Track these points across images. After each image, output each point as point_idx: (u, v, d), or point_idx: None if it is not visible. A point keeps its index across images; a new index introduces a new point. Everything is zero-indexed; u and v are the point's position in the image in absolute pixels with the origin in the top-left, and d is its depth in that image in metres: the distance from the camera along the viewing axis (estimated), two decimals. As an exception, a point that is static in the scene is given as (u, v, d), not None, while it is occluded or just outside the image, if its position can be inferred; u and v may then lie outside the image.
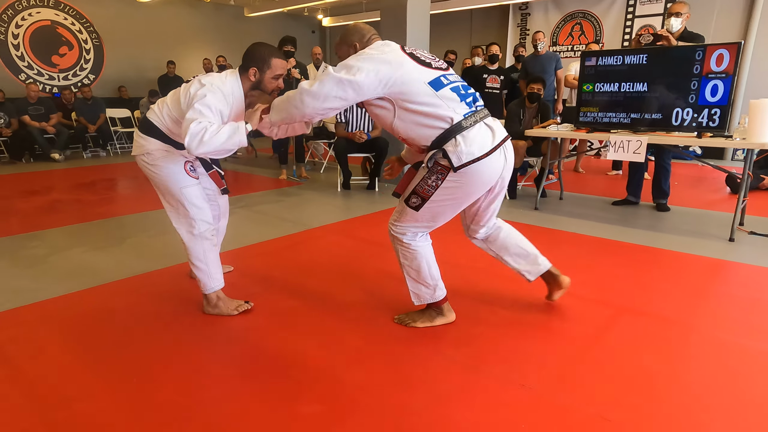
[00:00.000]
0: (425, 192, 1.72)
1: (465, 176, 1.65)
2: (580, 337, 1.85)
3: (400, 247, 1.86)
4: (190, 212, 1.95)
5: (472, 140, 1.62)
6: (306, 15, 10.56)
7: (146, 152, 1.91)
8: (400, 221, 1.82)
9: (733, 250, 2.87)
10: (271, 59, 1.85)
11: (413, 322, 1.93)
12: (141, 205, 4.09)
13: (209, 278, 2.00)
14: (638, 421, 1.36)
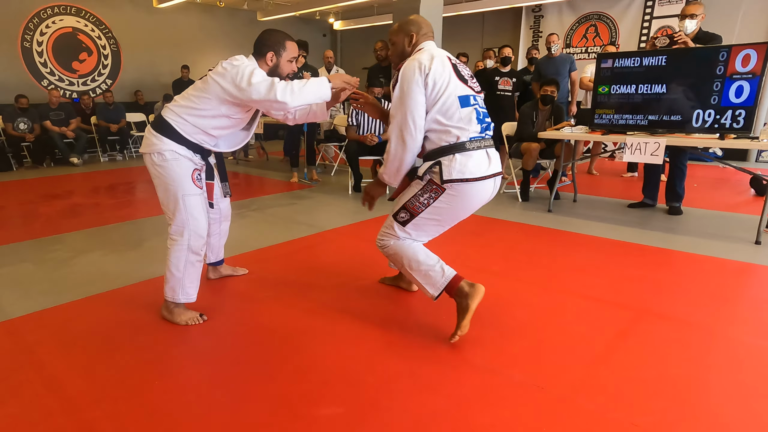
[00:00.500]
0: (415, 209, 1.82)
1: (455, 197, 1.76)
2: (600, 341, 1.82)
3: (390, 252, 1.93)
4: (187, 222, 1.90)
5: (466, 162, 1.72)
6: (318, 19, 10.63)
7: (157, 151, 1.85)
8: (390, 230, 1.92)
9: (760, 253, 2.81)
10: (285, 42, 1.90)
11: (463, 318, 1.76)
12: (158, 208, 4.12)
13: (180, 288, 1.94)
14: (667, 427, 1.34)
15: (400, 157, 1.78)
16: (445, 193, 1.75)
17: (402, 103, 1.74)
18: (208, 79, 1.83)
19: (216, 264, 2.46)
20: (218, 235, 2.34)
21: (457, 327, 1.76)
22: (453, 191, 1.75)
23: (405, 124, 1.74)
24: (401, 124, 1.75)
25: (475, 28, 9.27)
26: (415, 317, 2.04)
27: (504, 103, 5.24)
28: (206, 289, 2.35)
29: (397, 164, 1.80)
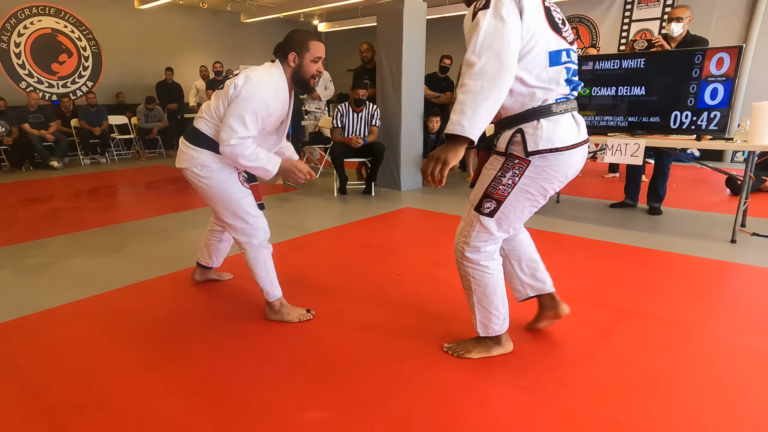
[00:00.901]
0: (500, 193, 1.51)
1: (543, 170, 1.46)
2: (583, 340, 1.85)
3: (472, 269, 1.62)
4: (250, 223, 1.95)
5: (554, 129, 1.43)
6: (302, 21, 10.60)
7: (200, 165, 1.87)
8: (472, 237, 1.59)
9: (735, 252, 2.88)
10: (308, 42, 1.84)
11: (467, 353, 1.73)
12: (140, 212, 4.09)
13: (272, 286, 2.01)
14: (649, 424, 1.36)
15: (486, 91, 1.31)
16: (530, 166, 1.45)
17: (497, 31, 1.30)
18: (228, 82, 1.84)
19: (206, 268, 2.45)
20: (229, 241, 2.36)
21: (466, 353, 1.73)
22: (540, 163, 1.45)
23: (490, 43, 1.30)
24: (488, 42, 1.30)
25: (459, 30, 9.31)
26: (401, 320, 2.05)
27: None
28: (190, 291, 2.33)
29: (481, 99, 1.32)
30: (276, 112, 1.85)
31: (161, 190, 5.17)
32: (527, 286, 1.80)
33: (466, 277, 1.65)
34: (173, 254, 2.95)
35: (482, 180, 1.57)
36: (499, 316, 1.67)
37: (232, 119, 1.74)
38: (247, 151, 1.77)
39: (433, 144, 5.20)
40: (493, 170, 1.53)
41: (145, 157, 7.85)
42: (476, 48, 1.31)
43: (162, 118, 7.99)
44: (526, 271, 1.78)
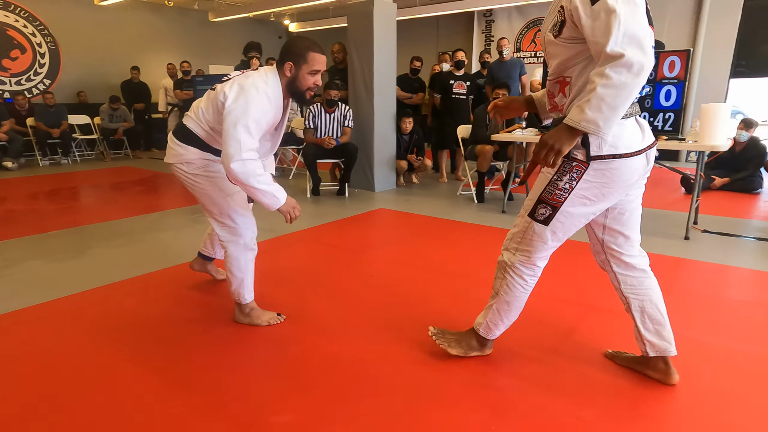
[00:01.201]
0: (555, 198, 1.40)
1: (604, 175, 1.35)
2: (550, 337, 1.90)
3: (512, 278, 1.55)
4: (237, 222, 1.90)
5: (620, 134, 1.33)
6: (272, 20, 10.48)
7: (186, 161, 1.84)
8: (524, 245, 1.50)
9: (688, 248, 3.02)
10: (308, 53, 1.74)
11: (447, 347, 1.72)
12: (104, 214, 3.95)
13: (245, 289, 1.97)
14: (609, 418, 1.41)
15: (629, 89, 1.18)
16: (589, 170, 1.34)
17: (635, 17, 1.17)
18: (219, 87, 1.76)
19: (207, 259, 2.41)
20: None
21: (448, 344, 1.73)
22: (601, 167, 1.34)
23: (634, 32, 1.16)
24: (630, 31, 1.16)
25: (430, 32, 9.43)
26: (372, 322, 2.06)
27: (458, 107, 5.37)
28: (153, 296, 2.27)
29: (624, 95, 1.19)
30: (271, 119, 1.79)
31: (127, 192, 5.01)
32: (648, 344, 1.56)
33: (502, 282, 1.58)
34: (140, 257, 2.87)
35: (537, 184, 1.46)
36: (505, 325, 1.65)
37: (236, 131, 1.63)
38: (259, 170, 1.66)
39: (407, 145, 5.24)
40: (548, 173, 1.41)
41: (110, 158, 7.59)
42: (619, 38, 1.16)
43: (128, 118, 7.74)
44: (650, 327, 1.55)
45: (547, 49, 1.41)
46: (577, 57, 1.32)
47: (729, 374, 1.64)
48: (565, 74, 1.37)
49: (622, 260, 1.55)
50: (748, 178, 4.87)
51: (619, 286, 1.59)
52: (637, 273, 1.56)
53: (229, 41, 10.00)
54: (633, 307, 1.57)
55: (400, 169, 5.22)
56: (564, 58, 1.34)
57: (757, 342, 1.84)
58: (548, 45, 1.39)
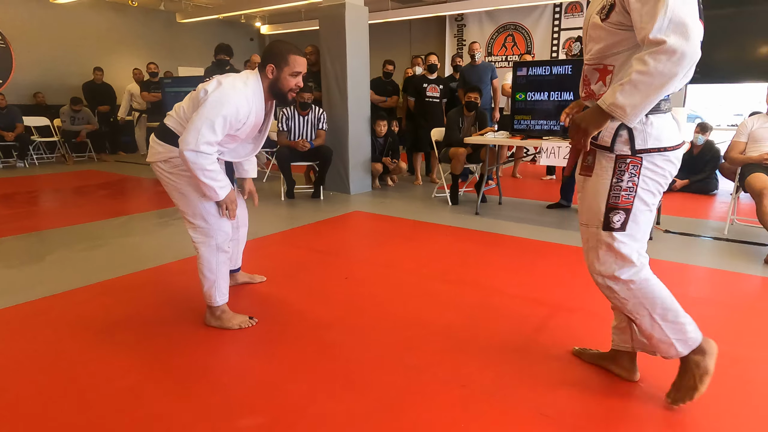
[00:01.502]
0: (625, 200, 1.32)
1: (656, 165, 1.32)
2: (518, 336, 1.93)
3: (637, 288, 1.37)
4: (209, 222, 1.90)
5: (663, 127, 1.30)
6: (243, 22, 10.34)
7: (164, 159, 1.85)
8: (609, 260, 1.38)
9: (651, 248, 3.08)
10: (288, 56, 1.82)
11: (696, 391, 1.40)
12: (65, 218, 3.79)
13: (217, 291, 1.96)
14: (572, 414, 1.44)
15: (670, 72, 1.14)
16: (644, 162, 1.30)
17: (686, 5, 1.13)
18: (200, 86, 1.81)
19: (233, 271, 2.37)
20: (236, 240, 2.30)
21: (694, 391, 1.40)
22: (653, 160, 1.31)
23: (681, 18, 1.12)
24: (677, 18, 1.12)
25: (402, 35, 9.49)
26: (345, 323, 2.04)
27: (432, 110, 5.41)
28: (112, 301, 2.19)
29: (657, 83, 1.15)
30: (249, 121, 1.83)
31: (91, 196, 4.83)
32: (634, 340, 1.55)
33: (635, 302, 1.39)
34: (103, 262, 2.77)
35: (593, 195, 1.37)
36: (689, 320, 1.40)
37: (200, 122, 1.69)
38: (209, 166, 1.74)
39: (381, 148, 5.24)
40: (603, 179, 1.34)
41: (73, 162, 7.31)
42: (664, 24, 1.12)
43: (91, 120, 7.48)
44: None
45: (590, 32, 1.35)
46: (621, 44, 1.28)
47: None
48: (607, 62, 1.32)
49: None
50: (705, 180, 5.09)
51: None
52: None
53: (198, 43, 9.81)
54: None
55: (375, 172, 5.22)
56: (607, 44, 1.30)
57: (710, 337, 1.91)
58: (592, 28, 1.33)
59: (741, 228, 3.64)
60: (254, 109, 1.82)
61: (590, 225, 1.40)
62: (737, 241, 3.27)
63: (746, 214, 3.93)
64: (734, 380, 1.61)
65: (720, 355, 1.43)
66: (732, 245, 3.19)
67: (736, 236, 3.40)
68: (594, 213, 1.38)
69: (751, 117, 3.48)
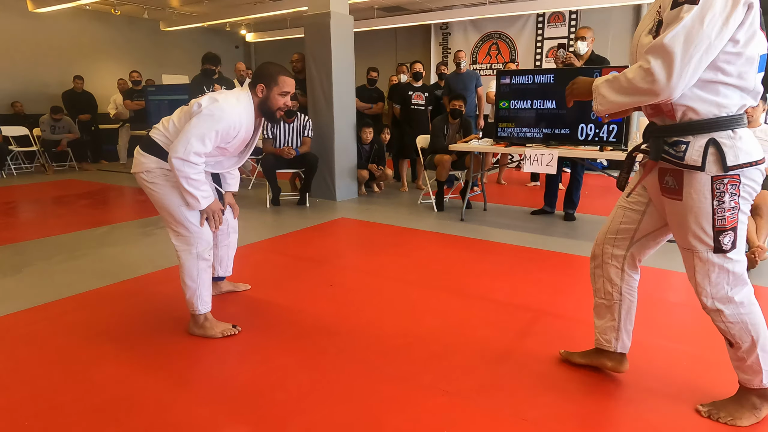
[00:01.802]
0: (731, 220, 1.29)
1: (752, 180, 1.29)
2: (502, 342, 1.94)
3: (735, 313, 1.34)
4: (191, 231, 1.92)
5: (749, 139, 1.28)
6: (228, 30, 10.31)
7: (146, 170, 1.89)
8: (722, 281, 1.34)
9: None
10: (278, 76, 1.91)
11: (735, 420, 1.41)
12: (44, 229, 3.72)
13: (199, 299, 1.96)
14: (552, 419, 1.45)
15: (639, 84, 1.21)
16: (742, 179, 1.27)
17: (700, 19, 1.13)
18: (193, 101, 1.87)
19: (216, 279, 2.35)
20: (227, 247, 2.31)
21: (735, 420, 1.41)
22: (748, 174, 1.27)
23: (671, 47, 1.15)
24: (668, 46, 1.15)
25: (388, 43, 9.57)
26: (329, 331, 2.03)
27: (418, 117, 5.45)
28: (106, 310, 2.15)
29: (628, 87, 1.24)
30: (239, 136, 1.90)
31: (72, 206, 4.75)
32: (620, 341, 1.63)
33: (741, 327, 1.35)
34: (83, 274, 2.72)
35: (694, 218, 1.31)
36: None
37: (190, 133, 1.76)
38: (194, 176, 1.80)
39: (367, 154, 5.26)
40: (702, 201, 1.29)
41: (53, 171, 7.18)
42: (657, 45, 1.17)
43: (72, 129, 7.36)
44: (628, 328, 1.63)
45: (641, 52, 1.31)
46: None
47: (666, 373, 1.71)
48: None
49: (638, 265, 1.59)
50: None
51: (620, 284, 1.59)
52: (637, 277, 1.61)
53: (183, 51, 9.76)
54: (623, 305, 1.60)
55: (362, 179, 5.23)
56: None
57: (689, 342, 1.95)
58: (643, 48, 1.30)
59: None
60: (245, 124, 1.89)
61: (697, 250, 1.35)
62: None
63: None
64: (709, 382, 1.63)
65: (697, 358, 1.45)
66: (711, 249, 3.25)
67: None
68: (698, 238, 1.33)
69: None
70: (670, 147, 1.31)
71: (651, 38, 1.26)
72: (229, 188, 2.24)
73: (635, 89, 1.23)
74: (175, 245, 1.95)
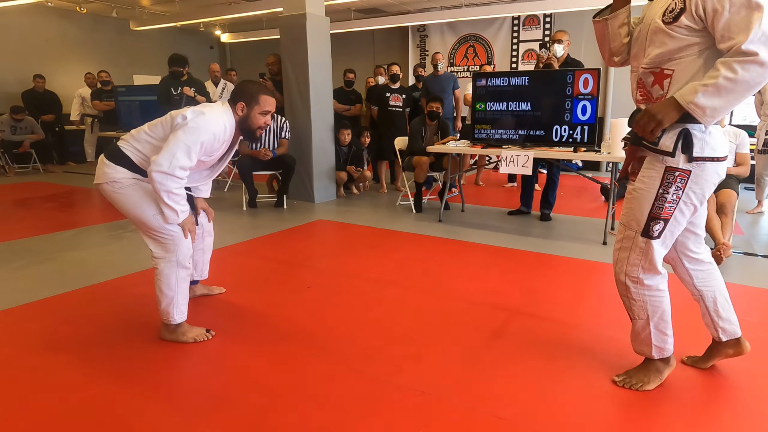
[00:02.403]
0: (667, 212, 1.41)
1: (704, 177, 1.38)
2: (476, 341, 1.94)
3: (650, 296, 1.50)
4: (168, 239, 1.86)
5: (719, 137, 1.37)
6: (202, 30, 10.13)
7: (112, 180, 1.83)
8: (638, 263, 1.48)
9: (606, 253, 3.23)
10: (259, 96, 1.90)
11: (644, 385, 1.58)
12: (3, 233, 3.56)
13: (174, 308, 1.90)
14: (527, 417, 1.46)
15: (755, 82, 1.20)
16: (692, 176, 1.36)
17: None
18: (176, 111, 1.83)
19: (192, 283, 2.26)
20: (202, 250, 2.25)
21: (643, 385, 1.58)
22: (700, 172, 1.36)
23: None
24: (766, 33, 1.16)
25: (366, 45, 9.56)
26: (304, 333, 2.00)
27: (395, 119, 5.45)
28: (69, 316, 2.06)
29: (740, 90, 1.21)
30: (220, 149, 1.90)
31: (35, 209, 4.57)
32: (720, 330, 1.63)
33: (641, 305, 1.52)
34: (46, 279, 2.61)
35: (639, 200, 1.44)
36: (671, 335, 1.56)
37: (176, 146, 1.71)
38: (176, 190, 1.76)
39: (345, 156, 5.23)
40: (651, 187, 1.41)
41: (15, 173, 6.90)
42: (757, 35, 1.16)
43: (36, 129, 7.08)
44: (722, 315, 1.61)
45: (651, 36, 1.36)
46: (685, 50, 1.30)
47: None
48: (666, 66, 1.35)
49: (692, 257, 1.60)
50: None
51: (691, 281, 1.62)
52: (706, 266, 1.61)
53: (154, 51, 9.52)
54: (707, 298, 1.61)
55: (340, 181, 5.20)
56: (669, 48, 1.32)
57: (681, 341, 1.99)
58: (653, 33, 1.35)
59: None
60: (227, 137, 1.88)
61: (630, 227, 1.48)
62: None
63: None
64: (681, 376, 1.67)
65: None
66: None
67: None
68: (636, 218, 1.45)
69: None
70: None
71: (664, 23, 1.30)
72: (200, 194, 2.17)
73: (750, 86, 1.20)
74: (152, 251, 1.88)
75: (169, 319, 1.89)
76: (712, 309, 1.61)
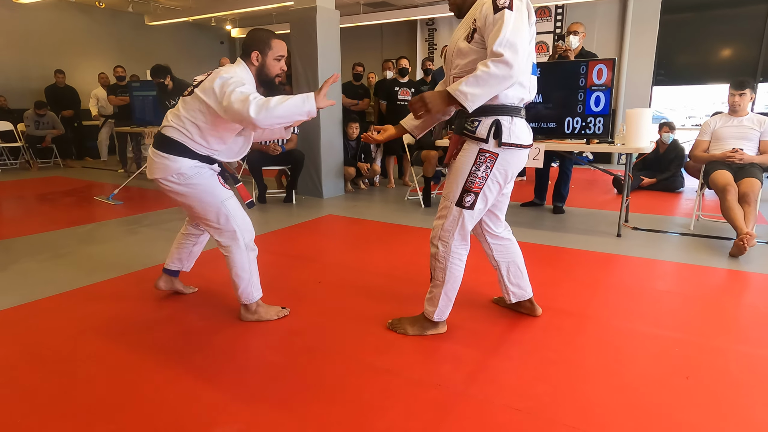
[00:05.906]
0: (477, 186, 1.71)
1: (508, 162, 1.69)
2: (492, 334, 1.95)
3: (452, 261, 1.80)
4: (234, 224, 1.92)
5: (522, 129, 1.70)
6: (213, 25, 10.19)
7: (175, 173, 1.84)
8: (457, 229, 1.77)
9: (620, 245, 3.22)
10: (270, 40, 1.87)
11: (405, 331, 1.93)
12: (29, 227, 3.65)
13: (252, 288, 2.00)
14: (543, 408, 1.47)
15: (500, 76, 1.50)
16: (499, 158, 1.68)
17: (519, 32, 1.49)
18: (197, 96, 1.79)
19: (174, 274, 2.28)
20: (200, 244, 2.28)
21: (404, 329, 1.94)
22: (506, 155, 1.68)
23: (514, 41, 1.48)
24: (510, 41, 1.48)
25: (374, 39, 9.53)
26: (319, 328, 2.03)
27: (404, 113, 5.42)
28: (92, 310, 2.11)
29: (492, 82, 1.51)
30: None
31: (57, 203, 4.67)
32: (510, 293, 2.05)
33: (442, 269, 1.81)
34: (70, 272, 2.68)
35: (456, 176, 1.73)
36: (451, 303, 1.89)
37: (232, 93, 1.67)
38: (272, 103, 1.65)
39: (353, 151, 5.24)
40: (466, 165, 1.70)
41: (38, 168, 7.05)
42: (503, 41, 1.48)
43: (56, 125, 7.23)
44: (513, 281, 2.03)
45: (457, 53, 1.69)
46: (478, 60, 1.60)
47: (657, 359, 1.75)
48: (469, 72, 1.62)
49: (493, 234, 1.97)
50: (671, 178, 5.28)
51: (491, 253, 2.01)
52: (504, 242, 1.99)
53: (167, 46, 9.62)
54: (501, 267, 2.01)
55: (348, 176, 5.22)
56: (470, 59, 1.64)
57: (679, 329, 1.99)
58: (458, 50, 1.68)
59: (706, 223, 3.78)
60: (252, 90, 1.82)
61: (447, 198, 1.76)
62: (703, 236, 3.40)
63: (711, 210, 4.08)
64: (700, 367, 1.67)
65: (687, 344, 1.60)
66: (698, 240, 3.31)
67: (702, 231, 3.53)
68: (452, 190, 1.74)
69: (714, 117, 3.62)
70: (468, 124, 1.69)
71: (467, 43, 1.63)
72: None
73: (500, 77, 1.49)
74: (220, 243, 1.95)
75: (250, 299, 1.99)
76: (506, 276, 2.01)
